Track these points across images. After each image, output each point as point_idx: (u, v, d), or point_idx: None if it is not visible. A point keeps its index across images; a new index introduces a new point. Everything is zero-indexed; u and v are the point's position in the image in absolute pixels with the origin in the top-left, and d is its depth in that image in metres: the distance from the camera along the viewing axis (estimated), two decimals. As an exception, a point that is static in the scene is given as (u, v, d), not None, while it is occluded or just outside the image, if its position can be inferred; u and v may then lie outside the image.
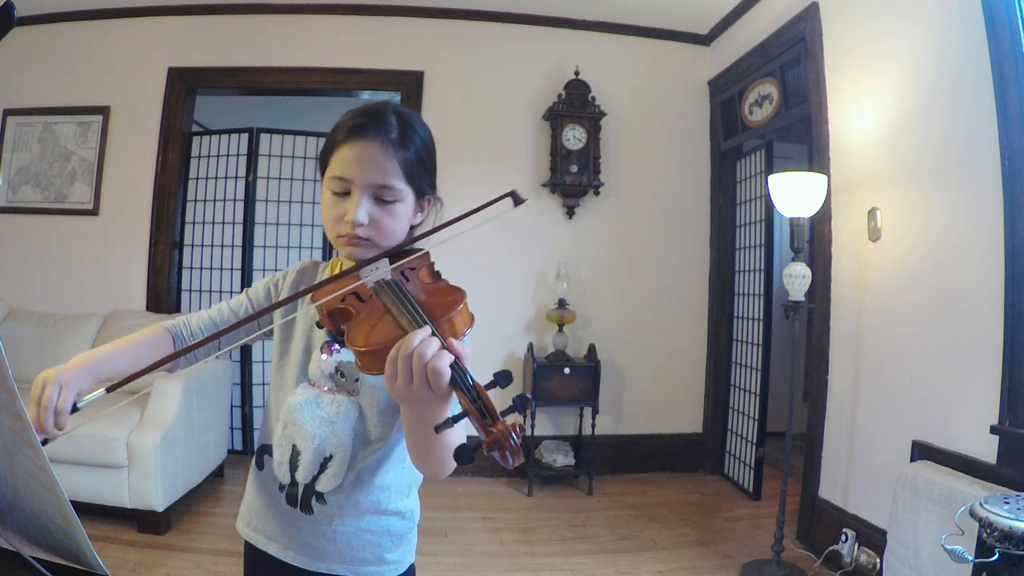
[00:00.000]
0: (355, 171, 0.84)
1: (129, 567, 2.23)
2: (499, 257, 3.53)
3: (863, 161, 2.43)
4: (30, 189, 3.50)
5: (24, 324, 3.14)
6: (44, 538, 0.76)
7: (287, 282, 0.99)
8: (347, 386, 0.90)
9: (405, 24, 3.56)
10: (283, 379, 0.94)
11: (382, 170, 0.84)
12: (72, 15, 3.48)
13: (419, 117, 0.92)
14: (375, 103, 0.90)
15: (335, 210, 0.86)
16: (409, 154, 0.86)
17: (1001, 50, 1.84)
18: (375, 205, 0.85)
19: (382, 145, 0.84)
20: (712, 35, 3.67)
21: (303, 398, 0.90)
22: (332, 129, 0.89)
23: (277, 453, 0.91)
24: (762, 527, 2.86)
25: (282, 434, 0.91)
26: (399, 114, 0.88)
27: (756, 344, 3.35)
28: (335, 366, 0.90)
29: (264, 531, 0.93)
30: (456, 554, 2.52)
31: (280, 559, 0.91)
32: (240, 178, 3.58)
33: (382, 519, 0.92)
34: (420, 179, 0.89)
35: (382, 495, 0.91)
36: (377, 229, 0.86)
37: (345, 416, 0.89)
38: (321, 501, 0.89)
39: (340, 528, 0.89)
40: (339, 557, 0.90)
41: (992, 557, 1.28)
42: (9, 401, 0.63)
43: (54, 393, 0.76)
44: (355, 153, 0.84)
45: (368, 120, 0.85)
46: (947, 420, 2.02)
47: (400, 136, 0.86)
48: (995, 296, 1.85)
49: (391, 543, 0.93)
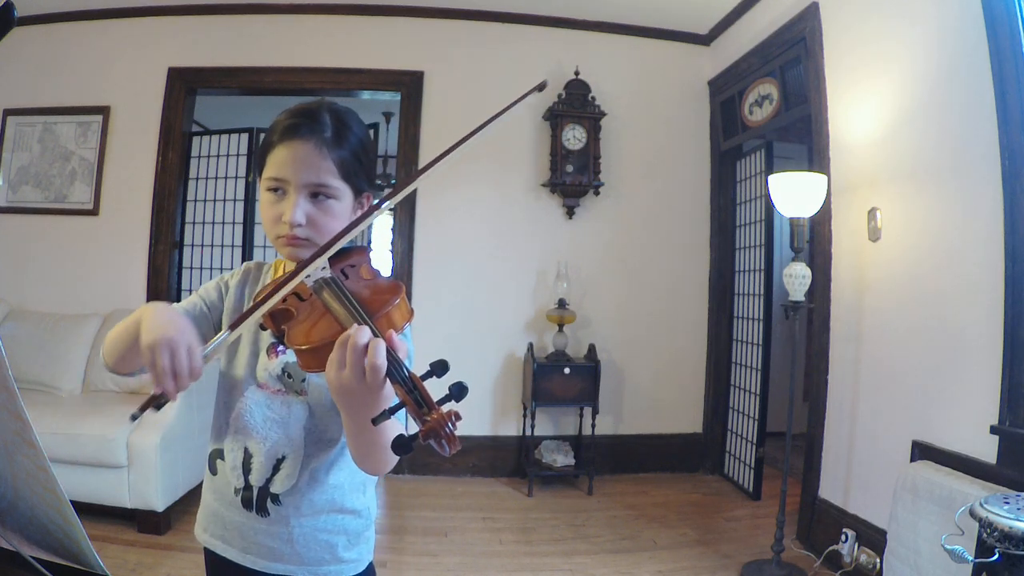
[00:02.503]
0: (290, 171, 0.84)
1: (129, 567, 2.23)
2: (499, 257, 3.53)
3: (863, 161, 2.43)
4: (30, 189, 3.50)
5: (24, 324, 3.14)
6: (44, 538, 0.76)
7: (234, 281, 0.98)
8: (295, 386, 0.90)
9: (405, 24, 3.56)
10: (231, 383, 0.94)
11: (317, 169, 0.84)
12: (72, 15, 3.48)
13: (355, 115, 0.92)
14: (310, 102, 0.90)
15: (273, 211, 0.86)
16: (344, 152, 0.87)
17: (1001, 50, 1.84)
18: (312, 204, 0.85)
19: (316, 144, 0.84)
20: (712, 35, 3.67)
21: (252, 401, 0.90)
22: (268, 129, 0.89)
23: (229, 457, 0.91)
24: (762, 527, 2.85)
25: (233, 438, 0.91)
26: (334, 112, 0.88)
27: (756, 344, 3.35)
28: (282, 367, 0.90)
29: (222, 536, 0.92)
30: (456, 554, 2.52)
31: (239, 563, 0.91)
32: (240, 178, 3.59)
33: (337, 517, 0.91)
34: (357, 177, 0.89)
35: (336, 493, 0.91)
36: (315, 228, 0.85)
37: (296, 416, 0.89)
38: (276, 503, 0.89)
39: (296, 529, 0.89)
40: (297, 558, 0.90)
41: (992, 557, 1.28)
42: (9, 401, 0.63)
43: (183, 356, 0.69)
44: (290, 153, 0.84)
45: (302, 120, 0.85)
46: (947, 420, 2.02)
47: (335, 135, 0.86)
48: (995, 296, 1.85)
49: (347, 541, 0.92)
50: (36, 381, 2.96)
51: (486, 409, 3.53)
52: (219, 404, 0.95)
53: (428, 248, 3.49)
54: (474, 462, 3.47)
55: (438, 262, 3.49)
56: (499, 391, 3.55)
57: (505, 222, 3.54)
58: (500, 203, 3.54)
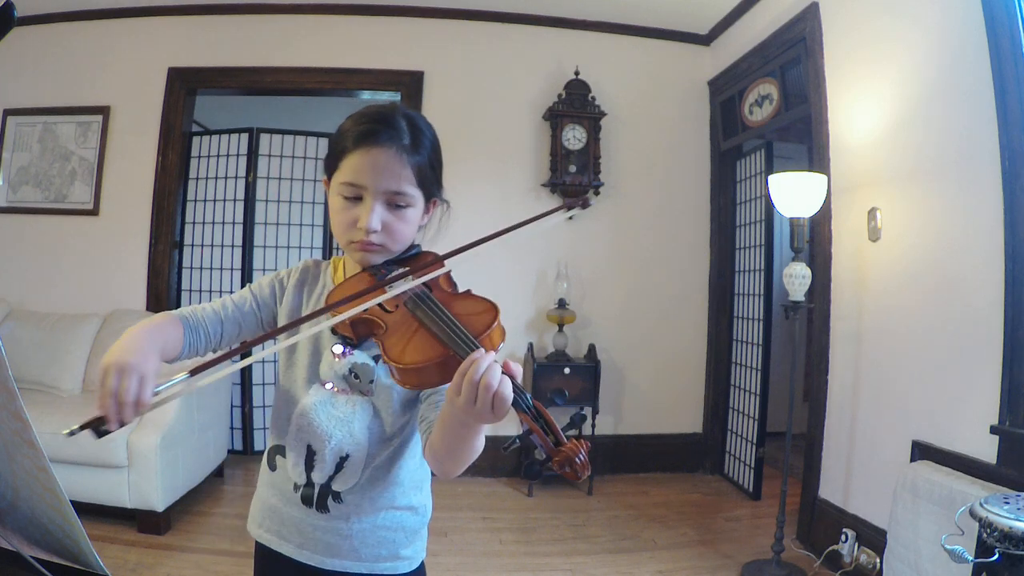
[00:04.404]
0: (369, 178, 0.84)
1: (129, 567, 2.23)
2: (499, 257, 3.53)
3: (863, 161, 2.43)
4: (30, 189, 3.50)
5: (24, 324, 3.14)
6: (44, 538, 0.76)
7: (291, 281, 0.98)
8: (361, 387, 0.90)
9: (405, 24, 3.56)
10: (292, 380, 0.94)
11: (397, 177, 0.85)
12: (72, 15, 3.48)
13: (425, 119, 0.92)
14: (382, 106, 0.89)
15: (347, 215, 0.86)
16: (421, 159, 0.87)
17: (1001, 50, 1.84)
18: (387, 211, 0.86)
19: (396, 152, 0.84)
20: (712, 35, 3.67)
21: (317, 399, 0.90)
22: (338, 132, 0.88)
23: (291, 455, 0.91)
24: (762, 527, 2.85)
25: (296, 436, 0.91)
26: (408, 118, 0.88)
27: (756, 344, 3.35)
28: (349, 367, 0.90)
29: (278, 532, 0.93)
30: (456, 554, 2.52)
31: (294, 559, 0.92)
32: (240, 178, 3.58)
33: (396, 515, 0.92)
34: (430, 183, 0.90)
35: (397, 491, 0.92)
36: (390, 235, 0.87)
37: (360, 416, 0.89)
38: (337, 500, 0.90)
39: (356, 525, 0.90)
40: (354, 554, 0.90)
41: (992, 557, 1.28)
42: (9, 401, 0.63)
43: (132, 384, 0.67)
44: (368, 160, 0.84)
45: (379, 126, 0.85)
46: (947, 420, 2.02)
47: (412, 141, 0.86)
48: (995, 296, 1.85)
49: (405, 538, 0.93)
50: (36, 381, 2.96)
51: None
52: (279, 402, 0.95)
53: (428, 248, 3.48)
54: (474, 462, 3.47)
55: (438, 262, 3.48)
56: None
57: (505, 222, 3.48)
58: (500, 203, 3.54)
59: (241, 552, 2.30)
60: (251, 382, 3.60)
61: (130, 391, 0.67)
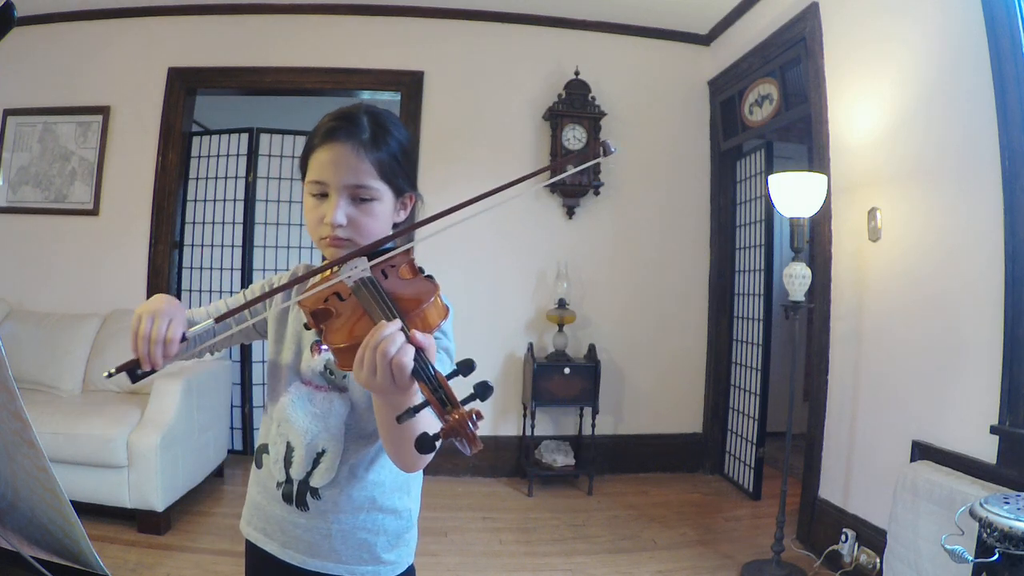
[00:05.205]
0: (330, 174, 0.87)
1: (129, 567, 2.23)
2: (499, 257, 3.53)
3: (863, 161, 2.43)
4: (30, 189, 3.50)
5: (24, 324, 3.14)
6: (44, 538, 0.76)
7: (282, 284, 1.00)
8: (337, 382, 0.92)
9: (405, 24, 3.56)
10: (276, 380, 0.96)
11: (355, 171, 0.86)
12: (72, 15, 3.48)
13: (394, 117, 0.94)
14: (350, 106, 0.92)
15: (315, 213, 0.89)
16: (382, 154, 0.88)
17: (1001, 50, 1.84)
18: (352, 206, 0.87)
19: (354, 147, 0.86)
20: (712, 35, 3.66)
21: (295, 395, 0.93)
22: (310, 134, 0.91)
23: (272, 451, 0.94)
24: (762, 527, 2.86)
25: (276, 432, 0.93)
26: (372, 115, 0.90)
27: (756, 344, 3.35)
28: (324, 364, 0.92)
29: (263, 529, 0.95)
30: (456, 554, 2.52)
31: (278, 557, 0.92)
32: (240, 178, 3.58)
33: (377, 516, 0.92)
34: (397, 177, 0.91)
35: (376, 491, 0.92)
36: (356, 229, 0.88)
37: (336, 411, 0.91)
38: (316, 496, 0.90)
39: (335, 525, 0.90)
40: (335, 555, 0.91)
41: (992, 557, 1.28)
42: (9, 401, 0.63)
43: (163, 325, 0.75)
44: (329, 156, 0.87)
45: (340, 123, 0.87)
46: (947, 420, 2.02)
47: (372, 137, 0.87)
48: (995, 296, 1.85)
49: (387, 542, 0.93)
50: (36, 381, 2.96)
51: (486, 409, 3.45)
52: (266, 402, 0.98)
53: (428, 248, 3.48)
54: (474, 462, 3.46)
55: (438, 262, 3.47)
56: (499, 391, 3.55)
57: (505, 222, 3.54)
58: (500, 202, 3.54)
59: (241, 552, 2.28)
60: (251, 382, 3.59)
61: (161, 330, 0.75)
